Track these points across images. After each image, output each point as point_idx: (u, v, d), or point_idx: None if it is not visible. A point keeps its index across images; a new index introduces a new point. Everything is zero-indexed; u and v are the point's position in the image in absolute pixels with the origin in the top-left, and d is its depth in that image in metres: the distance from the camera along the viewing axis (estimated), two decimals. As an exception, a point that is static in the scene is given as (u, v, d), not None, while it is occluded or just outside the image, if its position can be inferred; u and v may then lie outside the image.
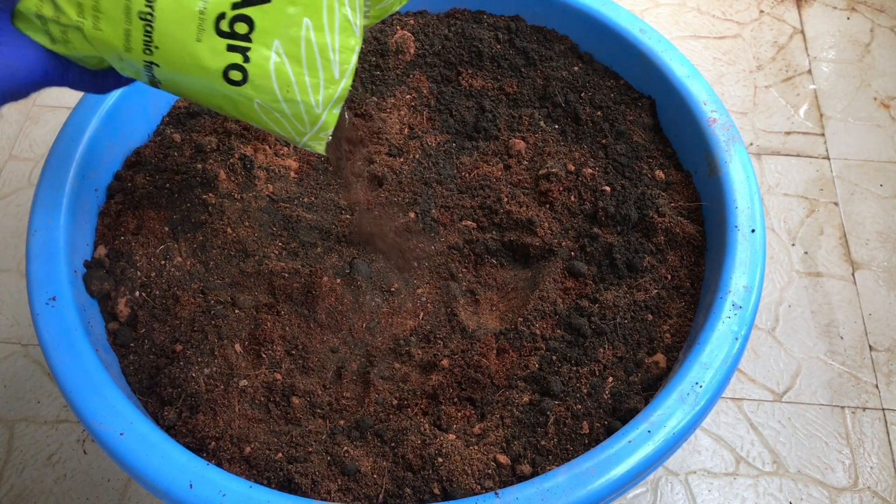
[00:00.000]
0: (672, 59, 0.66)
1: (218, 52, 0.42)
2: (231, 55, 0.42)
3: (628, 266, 0.58)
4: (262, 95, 0.44)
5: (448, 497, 0.47)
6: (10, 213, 0.90)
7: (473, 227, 0.62)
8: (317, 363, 0.55)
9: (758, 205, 0.57)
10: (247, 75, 0.43)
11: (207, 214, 0.60)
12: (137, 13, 0.41)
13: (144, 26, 0.41)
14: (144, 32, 0.41)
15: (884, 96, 1.02)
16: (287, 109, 0.45)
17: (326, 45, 0.44)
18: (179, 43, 0.42)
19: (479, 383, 0.53)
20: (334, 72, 0.45)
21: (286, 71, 0.43)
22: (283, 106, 0.45)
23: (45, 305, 0.51)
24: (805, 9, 1.12)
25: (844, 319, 0.83)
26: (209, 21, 0.41)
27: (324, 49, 0.44)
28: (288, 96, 0.44)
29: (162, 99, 0.67)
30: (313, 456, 0.49)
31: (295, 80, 0.44)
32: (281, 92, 0.44)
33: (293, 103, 0.45)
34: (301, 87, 0.44)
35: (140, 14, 0.41)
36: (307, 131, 0.47)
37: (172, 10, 0.41)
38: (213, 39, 0.42)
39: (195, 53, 0.42)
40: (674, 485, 0.74)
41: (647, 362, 0.54)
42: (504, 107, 0.69)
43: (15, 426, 0.76)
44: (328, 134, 0.47)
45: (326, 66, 0.44)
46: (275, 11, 0.42)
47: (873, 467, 0.74)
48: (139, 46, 0.42)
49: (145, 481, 0.45)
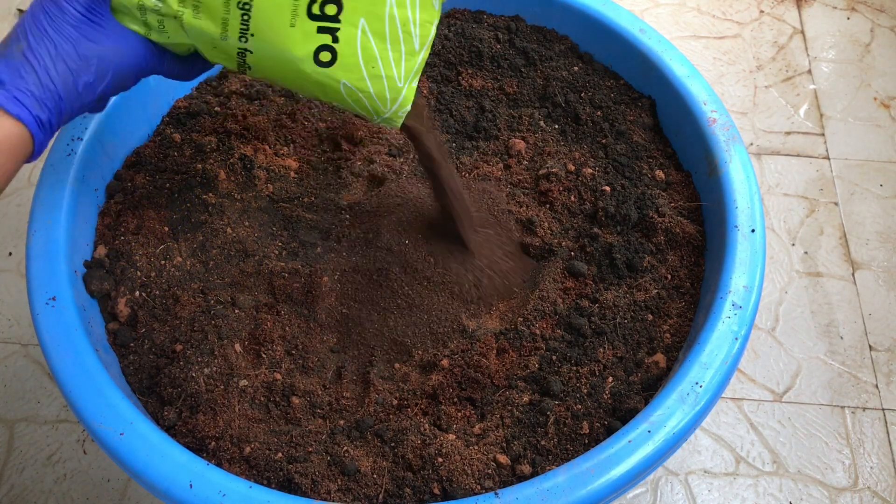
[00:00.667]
0: (672, 59, 0.66)
1: (309, 35, 0.44)
2: (322, 36, 0.44)
3: (628, 266, 0.58)
4: (349, 74, 0.46)
5: (448, 497, 0.47)
6: (10, 213, 0.90)
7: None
8: (317, 363, 0.55)
9: (758, 205, 0.57)
10: (335, 55, 0.45)
11: (207, 214, 0.60)
12: (237, 2, 0.43)
13: (242, 15, 0.43)
14: (241, 21, 0.43)
15: (884, 96, 1.02)
16: (371, 88, 0.47)
17: (408, 20, 0.46)
18: (274, 29, 0.44)
19: (479, 383, 0.53)
20: (415, 44, 0.47)
21: (371, 47, 0.45)
22: (368, 84, 0.46)
23: (45, 305, 0.51)
24: (805, 9, 1.12)
25: (844, 319, 0.83)
26: (302, 5, 0.43)
27: (405, 23, 0.46)
28: (373, 72, 0.46)
29: (162, 99, 0.67)
30: (313, 456, 0.49)
31: (379, 55, 0.46)
32: (366, 69, 0.46)
33: (377, 79, 0.46)
34: (385, 62, 0.46)
35: (239, 3, 0.43)
36: (387, 109, 0.48)
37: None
38: (305, 23, 0.44)
39: (289, 37, 0.44)
40: (674, 485, 0.74)
41: (647, 362, 0.54)
42: (504, 107, 0.69)
43: (15, 426, 0.76)
44: (407, 110, 0.49)
45: (408, 40, 0.46)
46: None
47: (873, 467, 0.74)
48: (235, 34, 0.44)
49: (145, 481, 0.45)
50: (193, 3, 0.43)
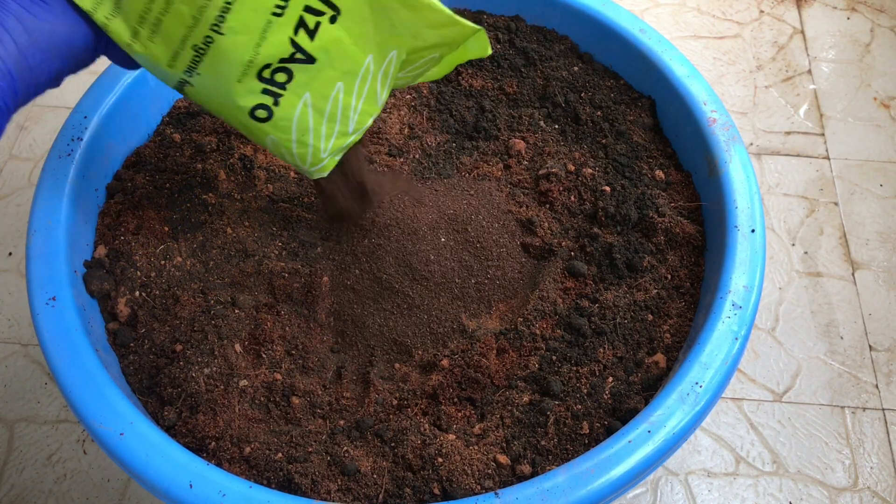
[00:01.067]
0: (672, 59, 0.66)
1: (253, 93, 0.45)
2: (264, 97, 0.45)
3: (628, 266, 0.58)
4: (279, 134, 0.47)
5: (448, 497, 0.47)
6: (10, 213, 0.90)
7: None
8: (317, 363, 0.55)
9: (758, 205, 0.57)
10: (271, 115, 0.46)
11: (207, 214, 0.60)
12: (192, 45, 0.43)
13: (194, 56, 0.44)
14: (192, 59, 0.44)
15: (884, 96, 1.02)
16: (295, 150, 0.48)
17: (350, 106, 0.48)
18: (221, 77, 0.44)
19: (479, 383, 0.53)
20: (350, 126, 0.49)
21: (307, 119, 0.47)
22: (294, 146, 0.48)
23: (45, 305, 0.51)
24: (805, 9, 1.12)
25: (844, 319, 0.83)
26: (255, 67, 0.44)
27: (347, 108, 0.48)
28: (302, 139, 0.48)
29: (162, 99, 0.67)
30: (313, 456, 0.49)
31: (313, 128, 0.47)
32: (297, 135, 0.47)
33: (303, 146, 0.48)
34: (316, 134, 0.48)
35: (194, 46, 0.43)
36: (305, 169, 0.50)
37: (226, 51, 0.43)
38: (252, 82, 0.45)
39: (232, 90, 0.45)
40: (674, 485, 0.74)
41: (647, 362, 0.54)
42: (504, 107, 0.69)
43: (15, 426, 0.76)
44: (323, 175, 0.51)
45: (344, 122, 0.48)
46: (315, 71, 0.45)
47: (873, 467, 0.74)
48: (182, 67, 0.44)
49: (145, 481, 0.45)
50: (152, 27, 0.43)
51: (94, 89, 0.62)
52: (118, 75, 0.63)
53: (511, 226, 0.61)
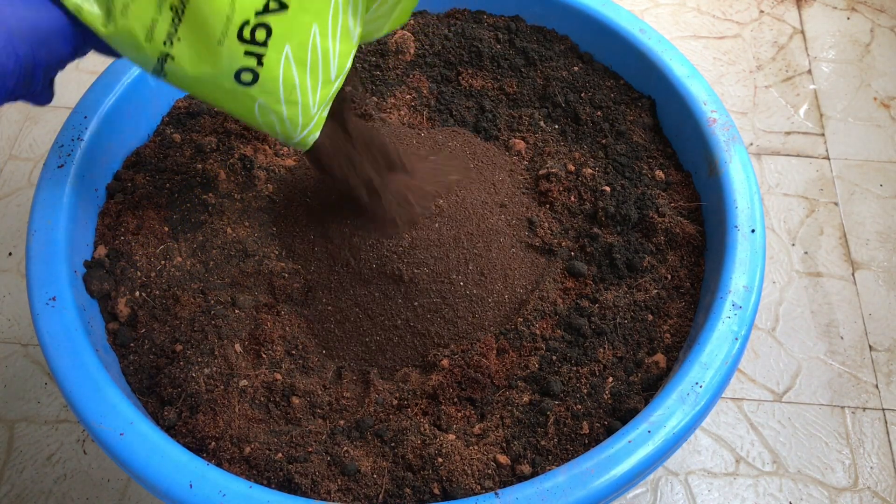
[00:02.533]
0: (672, 59, 0.66)
1: (235, 56, 0.44)
2: (247, 59, 0.44)
3: (628, 266, 0.58)
4: (267, 96, 0.46)
5: (448, 497, 0.47)
6: (10, 213, 0.90)
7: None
8: (317, 363, 0.55)
9: (758, 205, 0.57)
10: (257, 77, 0.45)
11: (207, 214, 0.60)
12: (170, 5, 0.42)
13: (172, 18, 0.43)
14: (171, 24, 0.43)
15: (884, 96, 1.02)
16: (285, 111, 0.47)
17: (328, 49, 0.46)
18: (202, 41, 0.43)
19: (479, 383, 0.53)
20: (332, 73, 0.48)
21: (292, 74, 0.46)
22: (283, 108, 0.47)
23: (45, 305, 0.51)
24: (805, 9, 1.12)
25: (844, 319, 0.83)
26: (234, 27, 0.43)
27: (326, 53, 0.46)
28: (290, 98, 0.47)
29: (162, 99, 0.67)
30: (313, 456, 0.49)
31: (298, 82, 0.46)
32: (284, 94, 0.46)
33: (292, 105, 0.47)
34: (303, 89, 0.47)
35: (171, 6, 0.42)
36: (297, 134, 0.49)
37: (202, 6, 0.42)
38: (234, 44, 0.44)
39: (215, 53, 0.44)
40: (674, 485, 0.74)
41: (647, 362, 0.54)
42: (504, 107, 0.69)
43: (15, 426, 0.76)
44: (315, 136, 0.50)
45: (326, 69, 0.47)
46: (290, 19, 0.44)
47: (873, 467, 0.74)
48: (161, 37, 0.43)
49: (145, 481, 0.45)
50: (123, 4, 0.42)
51: (94, 89, 0.62)
52: (118, 75, 0.63)
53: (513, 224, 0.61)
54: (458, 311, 0.56)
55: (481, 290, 0.56)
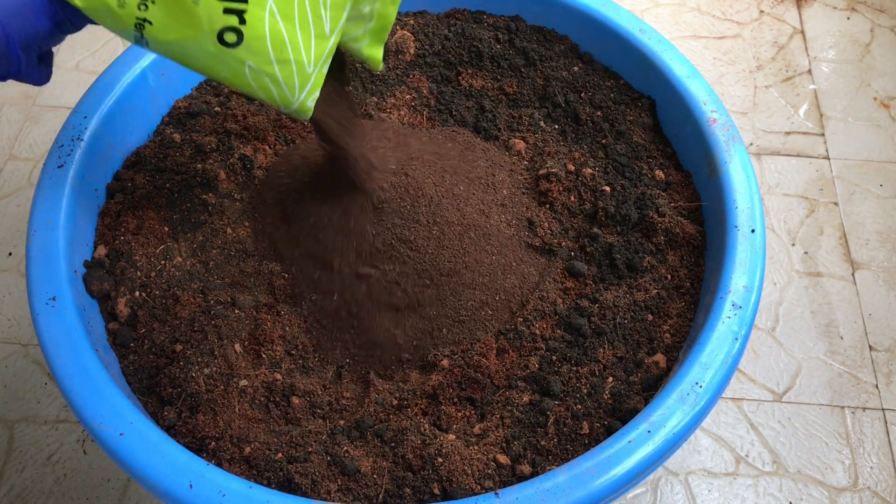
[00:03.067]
0: (672, 59, 0.66)
1: (214, 15, 0.42)
2: (227, 17, 0.42)
3: (628, 266, 0.58)
4: (255, 57, 0.43)
5: (448, 497, 0.47)
6: (10, 213, 0.90)
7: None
8: (317, 363, 0.55)
9: (758, 205, 0.57)
10: (242, 37, 0.43)
11: (207, 214, 0.60)
12: None
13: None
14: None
15: (884, 96, 1.02)
16: (279, 72, 0.44)
17: (318, 3, 0.44)
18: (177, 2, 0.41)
19: (479, 383, 0.53)
20: (325, 27, 0.45)
21: (280, 30, 0.43)
22: (276, 68, 0.44)
23: (45, 305, 0.51)
24: (805, 9, 1.12)
25: (844, 319, 0.83)
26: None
27: (315, 5, 0.44)
28: (281, 57, 0.44)
29: (162, 99, 0.67)
30: (313, 456, 0.49)
31: (288, 38, 0.44)
32: (274, 52, 0.44)
33: (285, 64, 0.44)
34: (294, 45, 0.44)
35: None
36: (296, 97, 0.46)
37: None
38: (210, 2, 0.42)
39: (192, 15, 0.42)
40: (674, 485, 0.74)
41: (647, 362, 0.54)
42: (504, 107, 0.69)
43: (15, 426, 0.76)
44: (316, 97, 0.47)
45: (317, 22, 0.44)
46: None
47: (873, 467, 0.74)
48: (134, 2, 0.42)
49: (145, 481, 0.45)
50: None
51: (94, 89, 0.62)
52: (118, 75, 0.63)
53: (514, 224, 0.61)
54: (458, 310, 0.56)
55: (481, 291, 0.56)
